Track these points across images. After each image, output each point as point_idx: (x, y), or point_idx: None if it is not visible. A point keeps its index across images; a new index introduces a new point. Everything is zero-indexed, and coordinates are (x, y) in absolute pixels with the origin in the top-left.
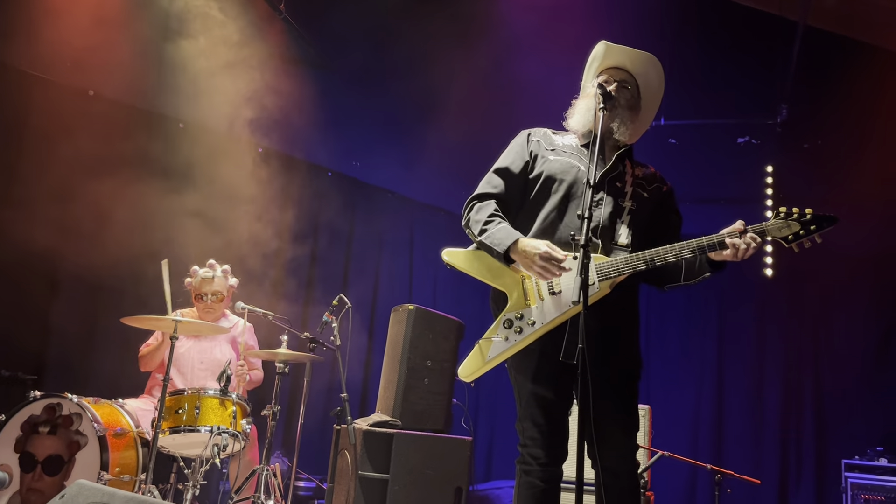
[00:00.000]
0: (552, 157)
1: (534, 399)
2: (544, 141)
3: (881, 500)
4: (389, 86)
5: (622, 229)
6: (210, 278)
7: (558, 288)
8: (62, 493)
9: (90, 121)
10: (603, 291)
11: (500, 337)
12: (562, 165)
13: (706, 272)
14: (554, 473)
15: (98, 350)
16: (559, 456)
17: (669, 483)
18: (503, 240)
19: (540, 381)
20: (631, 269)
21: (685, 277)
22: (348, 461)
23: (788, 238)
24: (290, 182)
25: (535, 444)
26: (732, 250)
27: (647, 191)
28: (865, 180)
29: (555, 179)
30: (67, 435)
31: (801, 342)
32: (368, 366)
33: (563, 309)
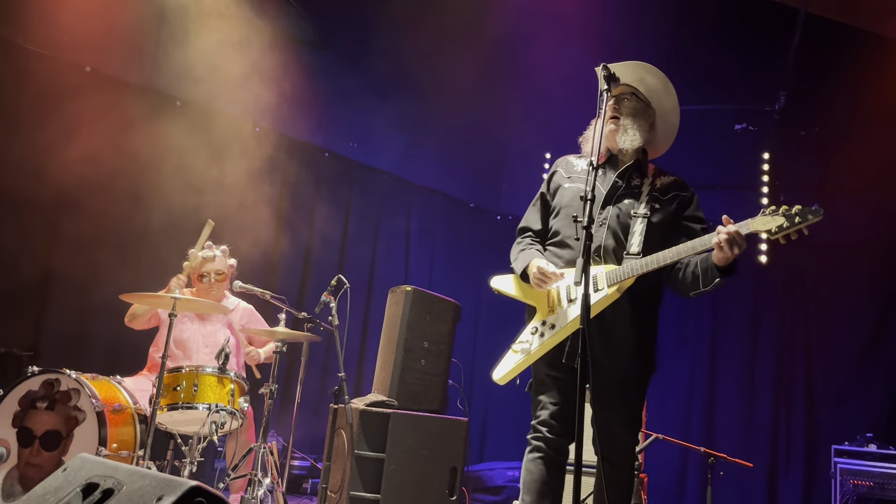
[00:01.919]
0: (567, 185)
1: (550, 380)
2: (564, 170)
3: (870, 485)
4: (388, 67)
5: (634, 238)
6: (211, 257)
7: (574, 296)
8: (64, 467)
9: (87, 96)
10: (612, 296)
11: (526, 342)
12: (572, 194)
13: (717, 277)
14: (563, 445)
15: (95, 327)
16: (570, 431)
17: (663, 465)
18: (522, 265)
19: (554, 366)
20: (635, 273)
21: (703, 284)
22: (345, 440)
23: (773, 230)
24: (287, 162)
25: (550, 415)
26: (716, 247)
27: (664, 200)
28: (862, 169)
29: (568, 206)
30: (65, 410)
31: (793, 329)
32: (364, 346)
33: (577, 314)
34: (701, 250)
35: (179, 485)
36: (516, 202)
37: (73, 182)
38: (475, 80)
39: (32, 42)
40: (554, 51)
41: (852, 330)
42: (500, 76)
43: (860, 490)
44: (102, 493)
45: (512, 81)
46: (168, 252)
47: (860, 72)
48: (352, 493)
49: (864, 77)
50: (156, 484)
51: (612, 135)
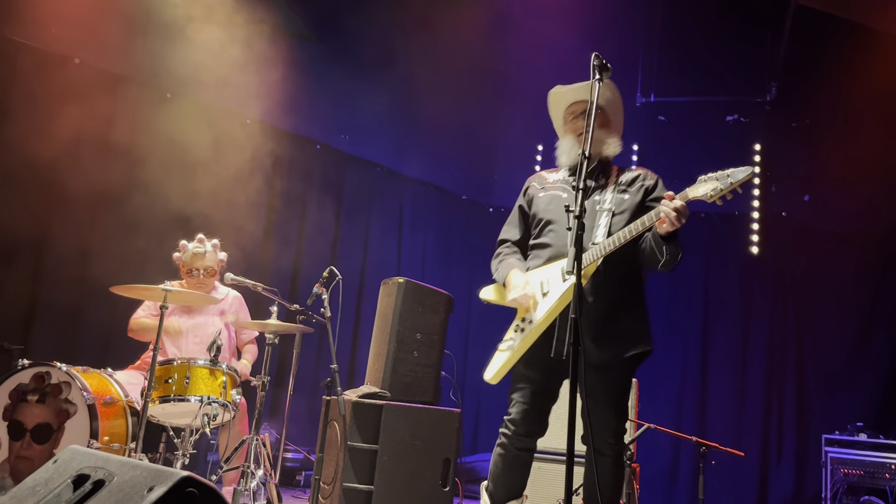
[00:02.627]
0: (542, 194)
1: (523, 379)
2: (538, 183)
3: (860, 473)
4: (379, 59)
5: (599, 230)
6: (202, 253)
7: (547, 289)
8: (55, 458)
9: (76, 89)
10: None
11: (509, 339)
12: (548, 199)
13: (662, 245)
14: (527, 444)
15: (86, 320)
16: (535, 431)
17: (655, 455)
18: (501, 277)
19: (531, 365)
20: (594, 258)
21: (660, 255)
22: (337, 432)
23: (709, 194)
24: (279, 154)
25: (518, 414)
26: (666, 220)
27: (630, 191)
28: (852, 160)
29: (543, 212)
30: (56, 403)
31: (784, 319)
32: (357, 338)
33: (551, 304)
34: (648, 225)
35: (171, 475)
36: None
37: (63, 175)
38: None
39: (20, 34)
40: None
41: (842, 320)
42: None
43: (851, 479)
44: (93, 485)
45: (503, 73)
46: (159, 245)
47: (850, 63)
48: (345, 484)
49: (854, 69)
50: (147, 474)
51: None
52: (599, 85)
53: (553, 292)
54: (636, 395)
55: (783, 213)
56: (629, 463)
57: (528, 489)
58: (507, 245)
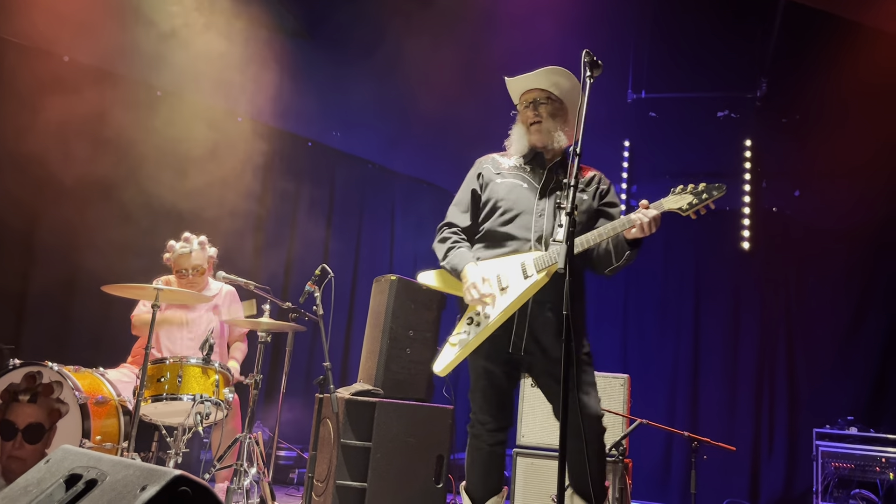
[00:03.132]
0: (499, 180)
1: (483, 373)
2: (492, 166)
3: (851, 467)
4: (370, 56)
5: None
6: (188, 253)
7: (505, 283)
8: (47, 458)
9: (65, 86)
10: (542, 281)
11: (464, 332)
12: (508, 188)
13: (626, 250)
14: (498, 438)
15: (77, 319)
16: (503, 424)
17: (647, 450)
18: (457, 265)
19: (491, 359)
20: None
21: (615, 259)
22: (331, 430)
23: (683, 208)
24: (270, 152)
25: (483, 411)
26: (638, 226)
27: (587, 191)
28: (842, 155)
29: (501, 200)
30: (48, 403)
31: (775, 314)
32: (349, 336)
33: (510, 300)
34: (621, 230)
35: (163, 474)
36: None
37: (52, 174)
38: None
39: (8, 31)
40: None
41: (833, 315)
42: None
43: (842, 472)
44: (85, 484)
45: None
46: (149, 243)
47: (840, 59)
48: (338, 482)
49: (844, 64)
50: (139, 473)
51: (539, 139)
52: (590, 82)
53: (512, 289)
54: (628, 391)
55: (774, 208)
56: (622, 458)
57: (521, 485)
58: (454, 231)
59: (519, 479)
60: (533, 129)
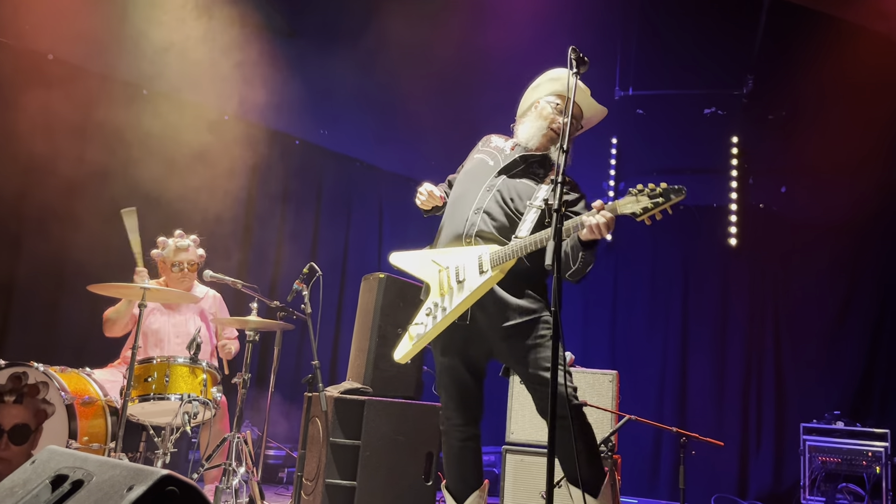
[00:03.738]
0: (476, 156)
1: (444, 369)
2: (481, 144)
3: (837, 461)
4: (357, 54)
5: (525, 225)
6: (185, 247)
7: (462, 276)
8: (33, 459)
9: (49, 85)
10: (496, 277)
11: (421, 323)
12: (475, 163)
13: (580, 251)
14: (468, 433)
15: (63, 319)
16: (471, 418)
17: (636, 446)
18: None
19: (448, 353)
20: (516, 255)
21: (573, 262)
22: (319, 428)
23: (637, 213)
24: (257, 150)
25: (448, 408)
26: (588, 228)
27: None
28: (828, 151)
29: (465, 174)
30: (34, 404)
31: (762, 310)
32: (338, 334)
33: (466, 294)
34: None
35: (150, 474)
36: None
37: (37, 173)
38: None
39: None
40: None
41: (820, 310)
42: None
43: (828, 466)
44: (72, 485)
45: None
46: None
47: (824, 56)
48: (328, 480)
49: (829, 62)
50: (126, 474)
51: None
52: (577, 79)
53: (468, 283)
54: (616, 387)
55: (761, 204)
56: (611, 454)
57: (510, 482)
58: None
59: (508, 477)
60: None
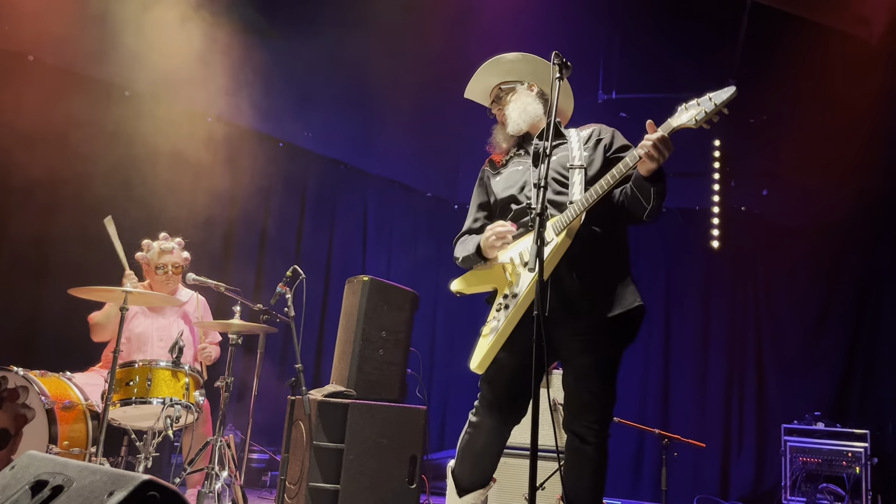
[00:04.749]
0: (498, 178)
1: (498, 363)
2: (490, 168)
3: (818, 461)
4: (341, 56)
5: (575, 188)
6: (170, 249)
7: (527, 258)
8: (12, 464)
9: (30, 87)
10: (564, 243)
11: (493, 320)
12: (506, 178)
13: (650, 187)
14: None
15: (43, 323)
16: (508, 421)
17: (618, 447)
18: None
19: (509, 349)
20: (577, 213)
21: (644, 200)
22: (303, 431)
23: (695, 120)
24: (241, 152)
25: (487, 405)
26: (646, 155)
27: (590, 147)
28: (808, 155)
29: (503, 190)
30: (13, 408)
31: (744, 311)
32: (322, 337)
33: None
34: (632, 165)
35: (131, 479)
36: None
37: (17, 175)
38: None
39: None
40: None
41: (800, 311)
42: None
43: (809, 467)
44: (52, 490)
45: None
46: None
47: (805, 61)
48: (311, 484)
49: (809, 66)
50: (107, 479)
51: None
52: (560, 83)
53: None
54: None
55: (742, 207)
56: None
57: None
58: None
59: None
60: (500, 124)
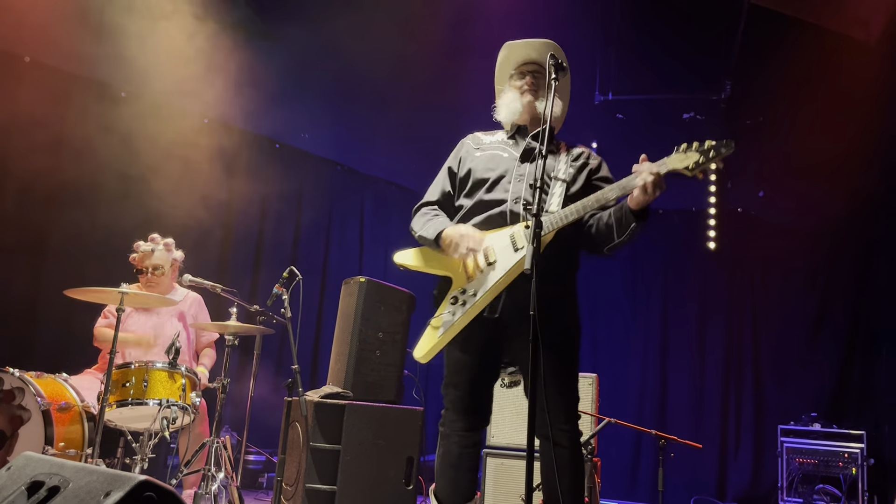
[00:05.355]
0: (478, 154)
1: (461, 367)
2: (473, 143)
3: (814, 462)
4: (338, 57)
5: (553, 199)
6: (150, 252)
7: (493, 258)
8: (8, 466)
9: (26, 88)
10: None
11: (447, 313)
12: (486, 158)
13: (632, 222)
14: (471, 439)
15: (40, 324)
16: (477, 423)
17: (616, 449)
18: (435, 230)
19: (468, 349)
20: (554, 226)
21: (617, 234)
22: (300, 433)
23: (690, 167)
24: (238, 154)
25: (456, 410)
26: (640, 189)
27: (577, 166)
28: (804, 157)
29: (481, 171)
30: (9, 410)
31: (741, 313)
32: (318, 338)
33: (501, 274)
34: (620, 194)
35: (128, 480)
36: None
37: (14, 176)
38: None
39: None
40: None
41: (797, 312)
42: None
43: (805, 468)
44: (48, 491)
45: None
46: (115, 246)
47: (802, 62)
48: (308, 485)
49: (806, 67)
50: (103, 480)
51: (530, 105)
52: (556, 84)
53: (501, 263)
54: (596, 390)
55: (739, 208)
56: (590, 457)
57: (490, 486)
58: (430, 207)
59: (489, 480)
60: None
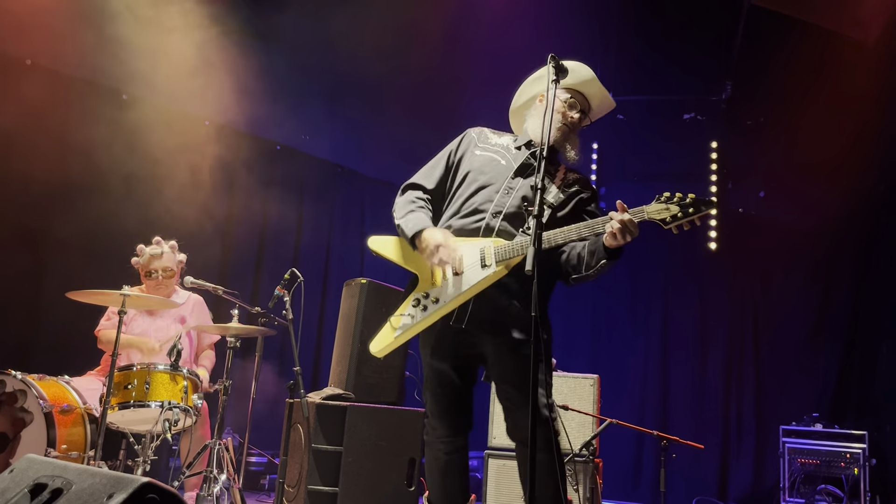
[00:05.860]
0: (478, 152)
1: (433, 373)
2: (478, 138)
3: (816, 463)
4: (339, 60)
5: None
6: (159, 254)
7: (461, 269)
8: (11, 468)
9: (28, 91)
10: (499, 273)
11: (407, 315)
12: (484, 161)
13: (602, 259)
14: (455, 444)
15: (42, 326)
16: (459, 428)
17: (617, 450)
18: (414, 227)
19: (438, 355)
20: (524, 251)
21: (586, 268)
22: (301, 434)
23: (666, 220)
24: (239, 156)
25: (435, 416)
26: (610, 235)
27: (569, 192)
28: (805, 157)
29: (474, 173)
30: (12, 412)
31: (742, 313)
32: (320, 340)
33: (465, 288)
34: (591, 234)
35: (130, 482)
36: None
37: (15, 179)
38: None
39: None
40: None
41: (798, 313)
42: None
43: (807, 468)
44: (51, 494)
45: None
46: (117, 248)
47: (802, 63)
48: (310, 487)
49: (806, 68)
50: (106, 482)
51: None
52: (556, 86)
53: (468, 276)
54: (598, 391)
55: (740, 209)
56: (592, 458)
57: (493, 487)
58: (419, 195)
59: (491, 481)
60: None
